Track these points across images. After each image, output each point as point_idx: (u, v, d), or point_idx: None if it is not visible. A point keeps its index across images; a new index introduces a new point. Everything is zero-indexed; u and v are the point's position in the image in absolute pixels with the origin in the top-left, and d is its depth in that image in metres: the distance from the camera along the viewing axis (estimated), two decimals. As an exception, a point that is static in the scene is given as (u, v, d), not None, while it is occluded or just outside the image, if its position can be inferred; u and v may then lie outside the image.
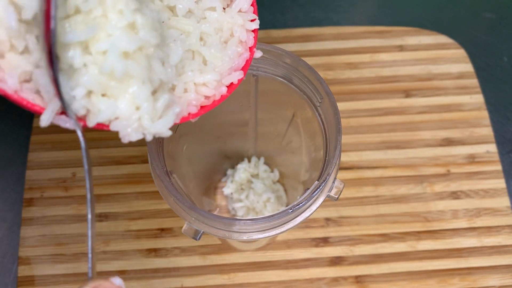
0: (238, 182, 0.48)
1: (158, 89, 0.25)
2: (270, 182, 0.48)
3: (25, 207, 0.47)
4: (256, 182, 0.47)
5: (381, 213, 0.48)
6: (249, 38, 0.29)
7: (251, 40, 0.29)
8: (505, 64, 0.56)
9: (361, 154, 0.50)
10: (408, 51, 0.56)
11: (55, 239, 0.46)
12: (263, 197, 0.46)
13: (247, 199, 0.46)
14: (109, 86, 0.23)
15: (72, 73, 0.23)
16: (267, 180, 0.48)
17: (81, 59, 0.23)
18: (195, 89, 0.28)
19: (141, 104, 0.24)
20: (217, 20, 0.28)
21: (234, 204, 0.47)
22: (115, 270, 0.45)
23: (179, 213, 0.31)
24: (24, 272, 0.45)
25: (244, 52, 0.29)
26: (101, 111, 0.23)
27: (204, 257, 0.46)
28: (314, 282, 0.45)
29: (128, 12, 0.23)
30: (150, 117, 0.24)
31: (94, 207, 0.24)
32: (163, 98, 0.25)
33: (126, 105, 0.24)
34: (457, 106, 0.53)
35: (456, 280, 0.45)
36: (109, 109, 0.23)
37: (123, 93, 0.24)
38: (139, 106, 0.24)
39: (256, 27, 0.29)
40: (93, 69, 0.23)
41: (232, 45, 0.28)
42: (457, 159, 0.50)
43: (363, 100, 0.53)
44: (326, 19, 0.58)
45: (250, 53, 0.29)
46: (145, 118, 0.24)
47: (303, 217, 0.31)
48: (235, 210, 0.47)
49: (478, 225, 0.47)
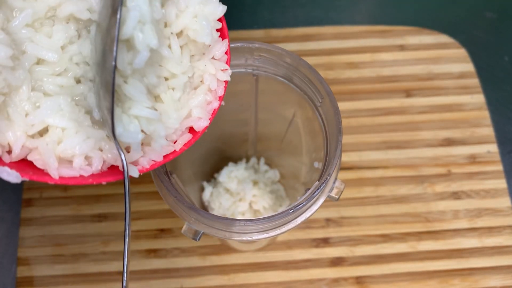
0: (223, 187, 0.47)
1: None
2: (270, 182, 0.48)
3: (24, 207, 0.47)
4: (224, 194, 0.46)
5: (382, 214, 0.48)
6: (220, 87, 0.29)
7: (221, 89, 0.29)
8: (506, 63, 0.56)
9: (362, 154, 0.50)
10: (409, 50, 0.55)
11: (54, 240, 0.46)
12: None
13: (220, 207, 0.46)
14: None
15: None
16: (268, 180, 0.48)
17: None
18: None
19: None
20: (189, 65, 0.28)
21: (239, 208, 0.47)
22: (115, 271, 0.45)
23: (179, 214, 0.31)
24: (23, 273, 0.45)
25: (213, 100, 0.29)
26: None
27: (203, 258, 0.46)
28: (315, 282, 0.45)
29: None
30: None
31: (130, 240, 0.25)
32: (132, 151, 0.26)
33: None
34: (458, 106, 0.53)
35: (457, 280, 0.45)
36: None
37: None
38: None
39: (227, 79, 0.29)
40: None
41: (201, 93, 0.28)
42: (458, 159, 0.50)
43: (364, 100, 0.53)
44: (326, 18, 0.58)
45: (219, 102, 0.29)
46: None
47: (304, 217, 0.31)
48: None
49: (479, 225, 0.47)
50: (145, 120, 0.26)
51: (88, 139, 0.25)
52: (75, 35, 0.26)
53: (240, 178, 0.47)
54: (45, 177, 0.24)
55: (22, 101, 0.24)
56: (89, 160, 0.25)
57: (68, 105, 0.25)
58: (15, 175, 0.23)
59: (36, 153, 0.24)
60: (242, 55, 0.34)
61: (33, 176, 0.24)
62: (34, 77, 0.25)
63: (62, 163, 0.25)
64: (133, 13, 0.23)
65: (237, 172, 0.47)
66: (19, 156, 0.24)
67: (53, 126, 0.24)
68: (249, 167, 0.48)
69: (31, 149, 0.24)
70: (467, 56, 0.55)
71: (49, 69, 0.25)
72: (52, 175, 0.24)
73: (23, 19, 0.24)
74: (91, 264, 0.45)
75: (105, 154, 0.25)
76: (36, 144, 0.24)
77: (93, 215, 0.47)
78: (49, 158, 0.24)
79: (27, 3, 0.25)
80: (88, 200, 0.48)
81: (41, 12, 0.25)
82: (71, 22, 0.26)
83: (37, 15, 0.25)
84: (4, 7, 0.24)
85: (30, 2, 0.25)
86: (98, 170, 0.25)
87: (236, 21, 0.58)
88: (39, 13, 0.25)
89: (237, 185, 0.46)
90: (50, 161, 0.24)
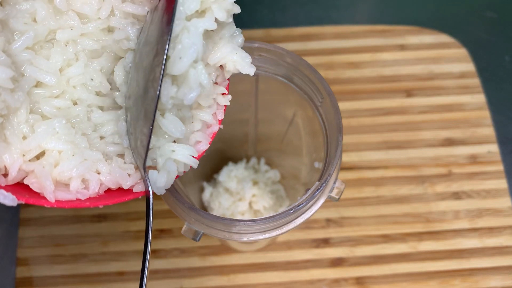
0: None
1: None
2: (270, 182, 0.48)
3: (23, 207, 0.47)
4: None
5: (382, 214, 0.47)
6: (219, 111, 0.29)
7: (221, 113, 0.29)
8: (507, 63, 0.56)
9: (362, 154, 0.50)
10: (410, 50, 0.55)
11: (54, 240, 0.46)
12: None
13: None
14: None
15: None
16: (268, 180, 0.48)
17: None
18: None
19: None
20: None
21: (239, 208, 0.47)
22: (114, 271, 0.45)
23: (179, 214, 0.31)
24: (22, 273, 0.45)
25: (213, 124, 0.29)
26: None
27: (203, 258, 0.46)
28: (315, 283, 0.45)
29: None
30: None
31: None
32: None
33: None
34: (459, 106, 0.53)
35: (457, 281, 0.45)
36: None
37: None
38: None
39: (227, 104, 0.29)
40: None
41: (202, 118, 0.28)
42: (458, 159, 0.50)
43: (364, 100, 0.53)
44: (326, 18, 0.58)
45: (218, 126, 0.29)
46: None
47: (304, 217, 0.31)
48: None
49: (479, 225, 0.47)
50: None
51: (85, 161, 0.25)
52: (73, 58, 0.26)
53: (239, 178, 0.47)
54: (41, 201, 0.24)
55: (20, 123, 0.24)
56: (86, 183, 0.25)
57: (64, 128, 0.25)
58: (11, 198, 0.23)
59: (32, 176, 0.24)
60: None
61: (29, 199, 0.23)
62: (32, 100, 0.25)
63: (59, 186, 0.25)
64: (191, 51, 0.24)
65: (236, 171, 0.47)
66: (15, 179, 0.24)
67: (50, 149, 0.24)
68: (249, 167, 0.48)
69: (27, 173, 0.24)
70: (467, 55, 0.55)
71: (47, 91, 0.25)
72: (48, 199, 0.24)
73: (23, 42, 0.24)
74: (91, 265, 0.45)
75: (102, 177, 0.25)
76: (32, 167, 0.24)
77: (93, 216, 0.47)
78: (46, 181, 0.24)
79: (28, 26, 0.25)
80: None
81: (42, 35, 0.25)
82: (69, 45, 0.26)
83: (37, 38, 0.25)
84: (6, 30, 0.24)
85: (31, 25, 0.25)
86: (95, 193, 0.25)
87: (236, 21, 0.58)
88: (40, 36, 0.25)
89: (236, 184, 0.46)
90: (47, 184, 0.24)
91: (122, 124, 0.27)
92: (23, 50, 0.24)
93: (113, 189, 0.26)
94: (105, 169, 0.25)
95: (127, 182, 0.26)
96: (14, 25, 0.24)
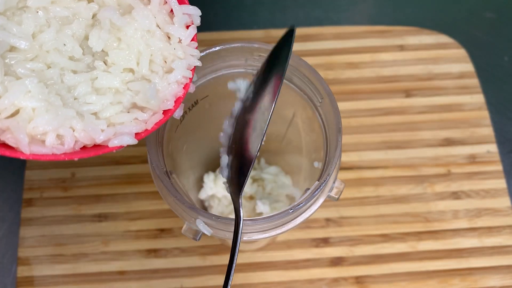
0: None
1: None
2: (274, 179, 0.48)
3: (24, 207, 0.47)
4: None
5: (382, 214, 0.48)
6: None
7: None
8: (505, 63, 0.56)
9: (362, 154, 0.50)
10: (409, 50, 0.55)
11: (55, 240, 0.46)
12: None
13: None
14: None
15: None
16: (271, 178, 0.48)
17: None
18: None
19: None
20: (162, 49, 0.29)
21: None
22: (115, 270, 0.45)
23: (179, 214, 0.31)
24: (23, 273, 0.45)
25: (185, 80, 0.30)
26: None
27: (204, 258, 0.46)
28: (315, 282, 0.45)
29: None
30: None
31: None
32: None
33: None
34: (458, 106, 0.53)
35: (456, 280, 0.45)
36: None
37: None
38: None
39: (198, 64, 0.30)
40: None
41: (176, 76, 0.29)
42: (457, 159, 0.50)
43: (364, 100, 0.53)
44: (326, 18, 0.58)
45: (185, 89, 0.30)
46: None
47: (304, 217, 0.31)
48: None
49: (478, 225, 0.47)
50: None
51: (59, 116, 0.25)
52: (44, 24, 0.27)
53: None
54: (17, 153, 0.25)
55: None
56: (61, 139, 0.26)
57: (36, 86, 0.25)
58: None
59: (8, 133, 0.25)
60: (242, 55, 0.34)
61: (5, 151, 0.24)
62: (7, 63, 0.26)
63: (35, 142, 0.25)
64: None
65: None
66: None
67: (24, 107, 0.25)
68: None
69: (3, 130, 0.25)
70: (466, 56, 0.55)
71: (21, 55, 0.26)
72: (24, 151, 0.25)
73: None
74: (91, 264, 0.45)
75: (77, 133, 0.26)
76: (7, 124, 0.25)
77: (93, 215, 0.47)
78: (20, 134, 0.24)
79: None
80: (88, 200, 0.48)
81: (13, 1, 0.26)
82: (41, 12, 0.27)
83: (8, 4, 0.26)
84: None
85: None
86: (70, 149, 0.26)
87: (236, 21, 0.58)
88: (11, 2, 0.26)
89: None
90: (21, 137, 0.24)
91: (224, 157, 0.31)
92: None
93: (88, 146, 0.27)
94: (79, 126, 0.26)
95: (100, 137, 0.26)
96: None
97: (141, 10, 0.28)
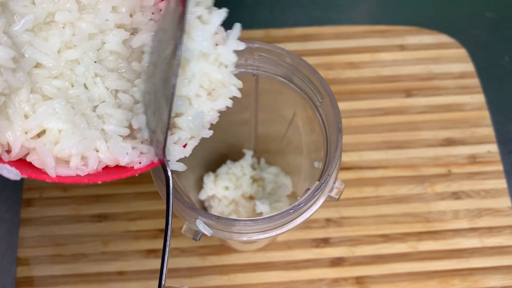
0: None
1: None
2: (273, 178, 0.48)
3: (24, 207, 0.47)
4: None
5: (382, 214, 0.48)
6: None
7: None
8: (506, 63, 0.56)
9: (362, 154, 0.50)
10: (409, 50, 0.55)
11: (54, 240, 0.46)
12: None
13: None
14: None
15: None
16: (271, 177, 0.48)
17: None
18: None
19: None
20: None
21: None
22: (114, 271, 0.45)
23: (179, 214, 0.31)
24: (23, 273, 0.45)
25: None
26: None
27: (203, 258, 0.46)
28: (315, 283, 0.45)
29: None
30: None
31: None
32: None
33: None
34: (458, 106, 0.53)
35: (457, 280, 0.45)
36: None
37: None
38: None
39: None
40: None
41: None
42: (458, 159, 0.50)
43: (364, 100, 0.53)
44: (326, 18, 0.58)
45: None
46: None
47: (304, 217, 0.31)
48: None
49: (479, 225, 0.47)
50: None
51: (84, 140, 0.26)
52: (70, 40, 0.27)
53: (238, 176, 0.47)
54: (43, 175, 0.25)
55: (22, 102, 0.25)
56: (85, 160, 0.26)
57: (63, 108, 0.26)
58: (15, 172, 0.23)
59: (34, 154, 0.25)
60: (242, 55, 0.33)
61: (32, 174, 0.24)
62: (33, 80, 0.26)
63: (59, 163, 0.26)
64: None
65: (235, 169, 0.47)
66: (18, 155, 0.25)
67: (50, 128, 0.25)
68: (248, 165, 0.48)
69: (29, 150, 0.25)
70: (467, 56, 0.55)
71: (47, 72, 0.26)
72: (49, 174, 0.25)
73: (24, 24, 0.25)
74: (91, 264, 0.45)
75: (101, 154, 0.26)
76: (33, 145, 0.25)
77: (93, 215, 0.47)
78: (46, 157, 0.25)
79: (27, 8, 0.26)
80: (88, 200, 0.48)
81: (41, 17, 0.26)
82: (67, 27, 0.27)
83: (37, 20, 0.26)
84: (6, 12, 0.25)
85: (30, 8, 0.26)
86: (93, 170, 0.26)
87: (236, 21, 0.58)
88: (39, 18, 0.26)
89: (236, 182, 0.46)
90: (47, 160, 0.25)
91: (141, 117, 0.28)
92: (23, 32, 0.25)
93: (110, 167, 0.27)
94: (103, 147, 0.26)
95: (124, 159, 0.27)
96: (14, 7, 0.25)
97: (199, 30, 0.28)
